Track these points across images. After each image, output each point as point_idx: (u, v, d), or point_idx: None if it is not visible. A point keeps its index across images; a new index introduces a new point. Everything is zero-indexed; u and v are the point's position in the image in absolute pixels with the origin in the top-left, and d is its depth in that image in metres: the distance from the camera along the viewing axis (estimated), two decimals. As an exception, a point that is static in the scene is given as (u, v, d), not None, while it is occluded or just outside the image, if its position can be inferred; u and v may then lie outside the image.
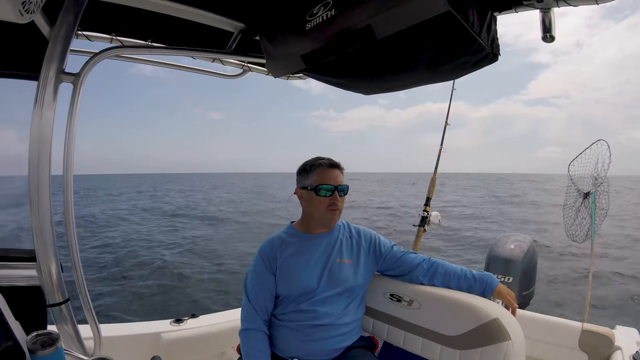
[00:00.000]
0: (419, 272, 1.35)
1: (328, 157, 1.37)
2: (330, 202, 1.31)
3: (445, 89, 2.93)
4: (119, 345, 1.64)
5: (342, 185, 1.33)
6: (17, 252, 1.20)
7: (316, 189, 1.31)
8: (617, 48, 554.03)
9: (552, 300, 5.72)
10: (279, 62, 1.49)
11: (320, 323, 1.26)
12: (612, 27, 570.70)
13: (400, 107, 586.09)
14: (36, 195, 1.15)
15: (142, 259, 8.60)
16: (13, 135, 1.38)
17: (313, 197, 1.32)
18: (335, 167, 1.35)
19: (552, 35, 1.04)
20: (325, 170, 1.33)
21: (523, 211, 18.54)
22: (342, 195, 1.34)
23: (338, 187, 1.32)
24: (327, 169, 1.34)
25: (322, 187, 1.30)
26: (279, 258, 1.32)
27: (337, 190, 1.31)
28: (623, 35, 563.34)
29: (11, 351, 0.79)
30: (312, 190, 1.32)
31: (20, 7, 0.80)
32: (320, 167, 1.34)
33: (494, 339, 1.10)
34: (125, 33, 1.48)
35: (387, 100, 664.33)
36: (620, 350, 1.58)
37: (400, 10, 0.99)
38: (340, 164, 1.37)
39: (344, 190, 1.34)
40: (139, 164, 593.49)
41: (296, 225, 1.43)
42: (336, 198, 1.31)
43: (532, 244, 2.45)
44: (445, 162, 2.91)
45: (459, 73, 1.24)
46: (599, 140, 2.50)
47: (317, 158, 1.37)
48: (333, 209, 1.32)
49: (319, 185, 1.31)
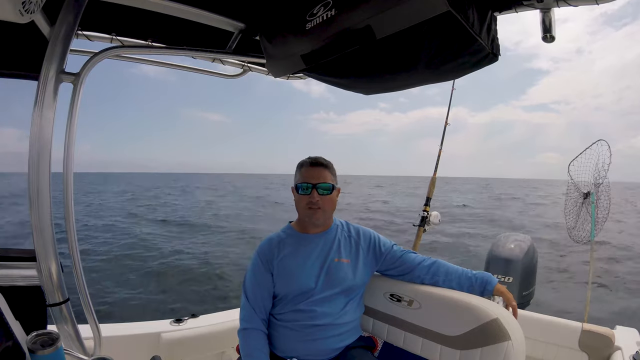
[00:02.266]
0: (420, 272, 1.35)
1: (316, 156, 1.38)
2: (308, 200, 1.31)
3: (445, 94, 2.93)
4: (119, 345, 1.64)
5: (322, 184, 1.32)
6: (17, 252, 1.20)
7: (296, 187, 1.34)
8: (617, 55, 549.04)
9: (552, 300, 5.72)
10: (279, 62, 1.49)
11: (319, 323, 1.26)
12: (612, 35, 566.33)
13: (400, 110, 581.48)
14: (36, 195, 1.15)
15: (143, 258, 8.63)
16: (13, 135, 1.38)
17: (296, 195, 1.35)
18: (317, 165, 1.35)
19: (552, 36, 1.04)
20: (307, 169, 1.34)
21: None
22: (324, 193, 1.32)
23: (317, 185, 1.31)
24: (308, 167, 1.34)
25: (300, 185, 1.32)
26: (277, 258, 1.32)
27: (316, 188, 1.31)
28: (623, 43, 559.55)
29: (11, 351, 0.79)
30: (295, 188, 1.35)
31: (20, 7, 0.80)
32: (303, 166, 1.36)
33: (494, 339, 1.10)
34: (125, 33, 1.48)
35: (388, 103, 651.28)
36: (620, 351, 1.58)
37: (400, 10, 0.99)
38: (329, 163, 1.37)
39: (326, 188, 1.32)
40: (139, 165, 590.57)
41: (294, 225, 1.43)
42: (313, 196, 1.31)
43: (532, 244, 2.45)
44: (444, 166, 2.90)
45: (459, 73, 1.23)
46: (599, 140, 2.50)
47: (308, 157, 1.38)
48: (311, 207, 1.31)
49: (298, 184, 1.33)
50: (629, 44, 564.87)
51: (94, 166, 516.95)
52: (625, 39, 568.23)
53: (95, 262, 8.01)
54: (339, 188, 1.38)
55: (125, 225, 13.87)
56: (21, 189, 1.32)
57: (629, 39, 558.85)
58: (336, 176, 1.38)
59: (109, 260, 8.37)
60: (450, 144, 2.92)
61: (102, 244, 10.15)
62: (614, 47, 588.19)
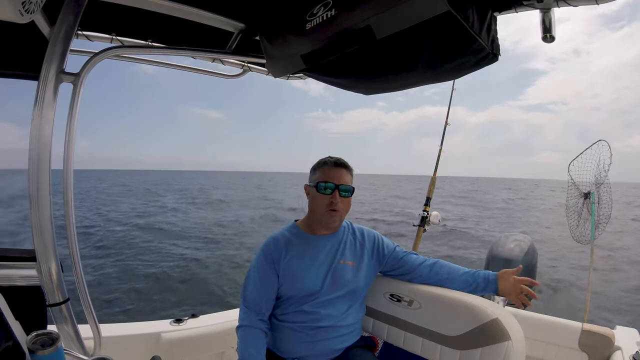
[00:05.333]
0: (422, 271, 1.34)
1: (338, 157, 1.37)
2: (329, 200, 1.30)
3: (443, 93, 2.92)
4: (119, 345, 1.63)
5: (344, 185, 1.31)
6: (17, 252, 1.20)
7: (317, 185, 1.31)
8: (615, 56, 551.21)
9: (552, 300, 5.72)
10: (279, 62, 1.49)
11: (322, 325, 1.26)
12: (610, 36, 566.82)
13: (398, 109, 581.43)
14: (36, 195, 1.15)
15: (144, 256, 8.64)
16: (13, 134, 1.38)
17: (314, 194, 1.32)
18: (341, 166, 1.34)
19: (552, 36, 1.04)
20: (330, 169, 1.33)
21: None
22: (345, 195, 1.31)
23: (339, 187, 1.30)
24: (332, 167, 1.33)
25: (322, 184, 1.30)
26: (284, 259, 1.31)
27: (338, 189, 1.30)
28: (620, 44, 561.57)
29: (11, 351, 0.79)
30: (314, 186, 1.32)
31: (20, 7, 0.80)
32: (325, 164, 1.34)
33: (494, 339, 1.10)
34: (125, 33, 1.48)
35: (386, 102, 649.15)
36: (620, 351, 1.58)
37: (400, 10, 0.98)
38: (349, 165, 1.36)
39: (347, 190, 1.32)
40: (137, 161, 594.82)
41: (300, 224, 1.42)
42: (335, 197, 1.30)
43: (532, 243, 2.45)
44: (441, 166, 2.89)
45: (459, 73, 1.23)
46: (599, 140, 2.50)
47: (328, 157, 1.37)
48: (332, 208, 1.30)
49: (320, 182, 1.31)
50: (626, 45, 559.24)
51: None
52: (623, 40, 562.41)
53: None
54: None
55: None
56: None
57: (627, 40, 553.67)
58: (353, 178, 1.37)
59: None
60: (446, 143, 2.92)
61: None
62: (612, 48, 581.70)
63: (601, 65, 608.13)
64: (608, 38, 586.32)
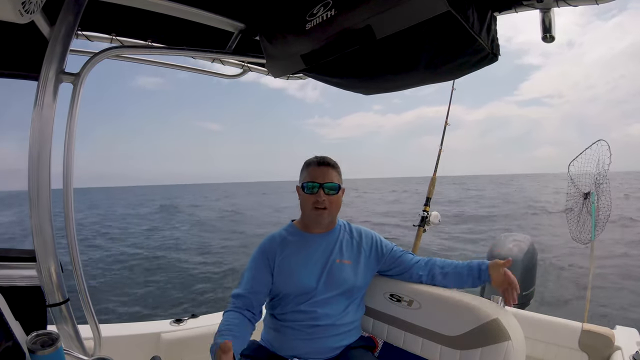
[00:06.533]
0: (417, 269, 1.35)
1: (323, 155, 1.38)
2: (314, 199, 1.31)
3: (440, 92, 2.91)
4: (119, 345, 1.64)
5: (329, 183, 1.32)
6: (17, 252, 1.20)
7: (303, 186, 1.33)
8: (608, 46, 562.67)
9: (552, 300, 5.72)
10: (279, 62, 1.49)
11: (320, 323, 1.26)
12: (602, 27, 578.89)
13: (394, 112, 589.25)
14: (36, 195, 1.15)
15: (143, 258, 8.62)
16: (13, 134, 1.38)
17: (302, 194, 1.35)
18: (324, 164, 1.35)
19: (552, 36, 1.04)
20: (314, 168, 1.34)
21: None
22: (331, 193, 1.32)
23: (324, 185, 1.31)
24: (316, 167, 1.34)
25: (306, 184, 1.32)
26: (279, 256, 1.32)
27: (323, 187, 1.31)
28: (611, 34, 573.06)
29: (11, 351, 0.79)
30: (301, 187, 1.34)
31: (20, 7, 0.80)
32: (310, 165, 1.36)
33: (494, 339, 1.10)
34: (125, 33, 1.48)
35: (382, 105, 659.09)
36: (620, 351, 1.58)
37: (400, 10, 0.99)
38: (335, 162, 1.37)
39: (333, 188, 1.32)
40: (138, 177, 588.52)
41: (296, 224, 1.43)
42: (320, 195, 1.30)
43: (532, 243, 2.45)
44: (442, 166, 2.88)
45: (459, 73, 1.24)
46: (599, 140, 2.49)
47: (314, 156, 1.38)
48: (317, 207, 1.31)
49: (304, 183, 1.33)
50: (619, 34, 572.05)
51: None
52: (614, 30, 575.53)
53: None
54: (344, 188, 1.38)
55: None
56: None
57: (618, 29, 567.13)
58: (342, 176, 1.38)
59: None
60: (447, 142, 2.90)
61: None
62: (604, 39, 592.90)
63: (595, 56, 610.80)
64: (600, 29, 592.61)
